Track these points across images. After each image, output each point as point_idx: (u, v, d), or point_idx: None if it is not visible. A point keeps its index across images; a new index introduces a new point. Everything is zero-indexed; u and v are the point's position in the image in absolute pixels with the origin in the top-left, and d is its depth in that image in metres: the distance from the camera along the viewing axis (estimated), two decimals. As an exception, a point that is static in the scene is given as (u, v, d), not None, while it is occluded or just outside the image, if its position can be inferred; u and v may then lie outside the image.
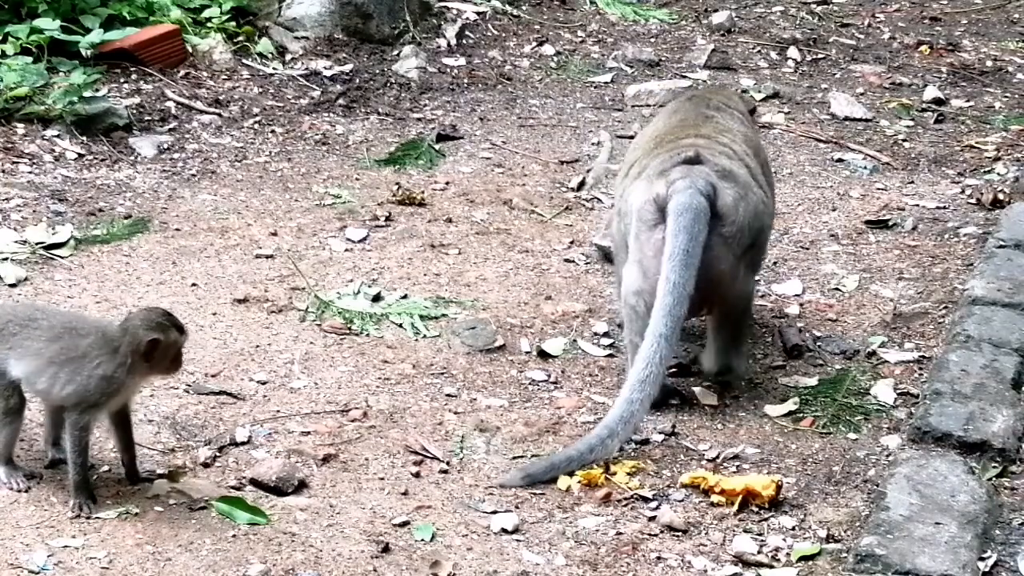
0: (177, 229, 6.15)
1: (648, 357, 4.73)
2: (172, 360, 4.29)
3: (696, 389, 5.09)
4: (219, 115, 7.28)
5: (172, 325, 4.24)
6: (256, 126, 7.28)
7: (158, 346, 4.19)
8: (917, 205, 6.74)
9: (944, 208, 6.67)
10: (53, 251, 5.83)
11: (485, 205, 6.57)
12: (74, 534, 4.12)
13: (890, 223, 6.54)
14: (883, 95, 8.16)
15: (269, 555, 4.08)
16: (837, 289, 5.91)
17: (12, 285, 5.56)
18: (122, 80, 7.36)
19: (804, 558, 4.22)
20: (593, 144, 7.35)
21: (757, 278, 5.51)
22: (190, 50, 7.69)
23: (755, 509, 4.43)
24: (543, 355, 5.30)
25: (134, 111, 7.09)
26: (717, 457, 4.71)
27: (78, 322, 4.37)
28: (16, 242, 5.85)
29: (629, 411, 4.67)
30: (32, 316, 4.32)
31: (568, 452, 4.62)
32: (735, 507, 4.41)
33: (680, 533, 4.32)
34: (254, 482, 4.41)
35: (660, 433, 4.83)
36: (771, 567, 4.19)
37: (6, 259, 5.72)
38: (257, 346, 5.24)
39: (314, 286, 5.66)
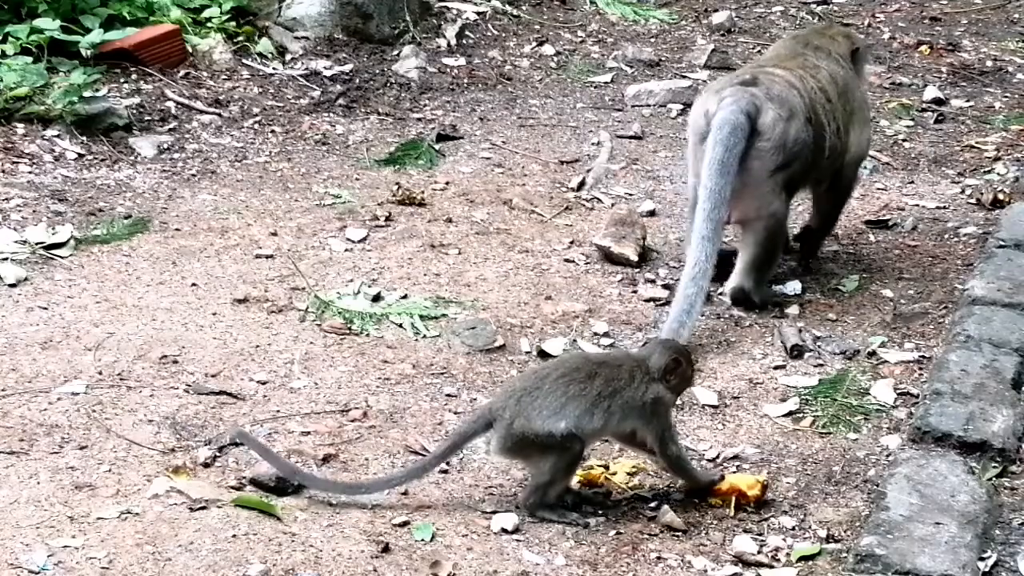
0: (177, 229, 6.15)
1: (696, 256, 5.36)
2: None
3: (696, 389, 5.09)
4: (219, 115, 7.28)
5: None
6: (256, 126, 7.28)
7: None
8: (917, 205, 6.74)
9: (944, 208, 6.67)
10: (53, 251, 5.83)
11: (485, 205, 6.57)
12: (74, 534, 4.12)
13: (890, 223, 6.54)
14: (883, 95, 8.17)
15: (269, 555, 4.08)
16: (837, 289, 5.92)
17: (12, 285, 5.56)
18: (122, 80, 7.36)
19: (804, 558, 4.22)
20: (593, 144, 7.35)
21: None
22: (190, 50, 7.69)
23: (749, 510, 4.43)
24: (543, 355, 5.30)
25: (134, 111, 7.09)
26: (717, 457, 4.72)
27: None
28: (16, 242, 5.86)
29: (689, 303, 5.28)
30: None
31: None
32: (731, 509, 4.41)
33: (680, 533, 4.32)
34: (254, 482, 4.40)
35: (660, 433, 4.83)
36: (771, 567, 4.19)
37: (6, 259, 5.72)
38: (257, 346, 5.24)
39: (314, 286, 5.66)
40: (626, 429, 4.43)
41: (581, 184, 6.83)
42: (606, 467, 4.59)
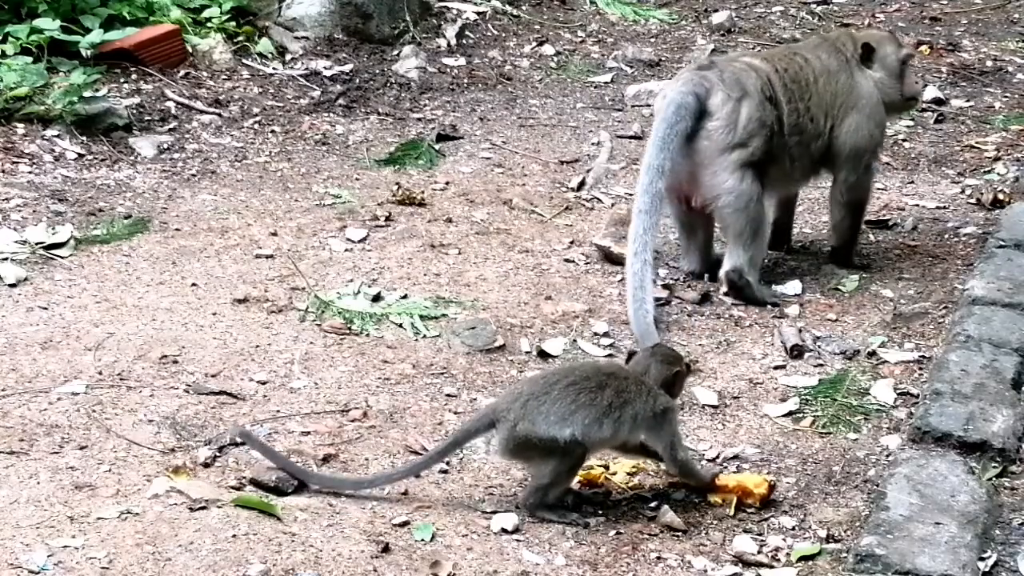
0: (177, 229, 6.15)
1: (634, 231, 5.56)
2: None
3: (696, 389, 5.09)
4: (219, 115, 7.28)
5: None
6: (256, 126, 7.28)
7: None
8: (917, 205, 6.74)
9: (944, 208, 6.67)
10: (53, 251, 5.83)
11: (485, 205, 6.57)
12: (74, 534, 4.12)
13: (890, 223, 6.54)
14: (883, 95, 8.16)
15: (269, 555, 4.08)
16: (837, 289, 5.92)
17: (12, 285, 5.56)
18: (122, 80, 7.37)
19: (804, 558, 4.22)
20: (593, 144, 7.35)
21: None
22: (190, 50, 7.70)
23: (749, 510, 4.43)
24: (543, 355, 5.30)
25: (134, 111, 7.09)
26: (717, 457, 4.71)
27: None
28: (16, 242, 5.86)
29: (638, 280, 5.45)
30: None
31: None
32: (731, 509, 4.41)
33: (680, 533, 4.32)
34: (254, 482, 4.40)
35: (660, 433, 4.83)
36: (771, 567, 4.19)
37: (6, 259, 5.72)
38: (257, 346, 5.24)
39: (314, 286, 5.66)
40: (635, 440, 4.44)
41: (581, 184, 6.83)
42: (606, 467, 4.59)
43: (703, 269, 5.97)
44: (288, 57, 8.00)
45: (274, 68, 7.86)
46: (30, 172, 6.49)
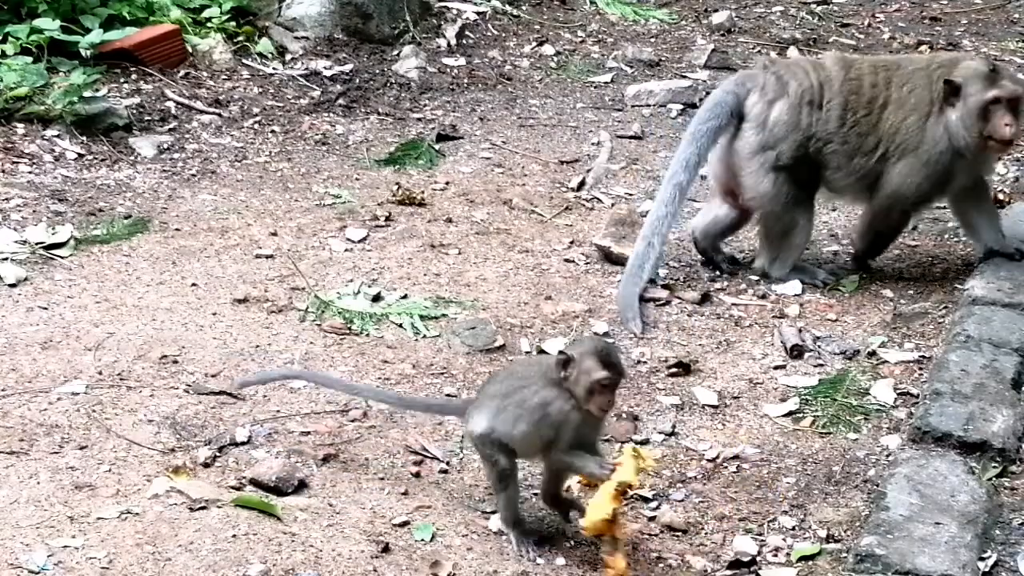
0: (177, 229, 6.15)
1: (649, 218, 5.80)
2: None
3: (696, 389, 5.10)
4: (219, 115, 7.28)
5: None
6: (256, 126, 7.28)
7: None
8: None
9: (944, 208, 6.67)
10: (53, 251, 5.83)
11: (485, 205, 6.57)
12: (74, 534, 4.12)
13: (890, 223, 6.53)
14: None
15: (269, 555, 4.08)
16: (837, 289, 5.92)
17: (12, 285, 5.56)
18: (122, 80, 7.37)
19: (804, 558, 4.23)
20: (593, 144, 7.35)
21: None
22: (190, 50, 7.70)
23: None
24: (543, 355, 5.29)
25: (134, 111, 7.09)
26: (717, 457, 4.71)
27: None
28: (16, 242, 5.86)
29: (634, 258, 5.67)
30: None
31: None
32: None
33: (680, 533, 4.32)
34: (254, 482, 4.40)
35: (660, 433, 4.83)
36: (771, 567, 4.19)
37: (6, 259, 5.72)
38: (257, 346, 5.24)
39: (314, 286, 5.66)
40: (523, 435, 4.11)
41: (581, 184, 6.83)
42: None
43: (698, 236, 6.03)
44: (288, 57, 8.00)
45: (274, 68, 7.86)
46: (30, 172, 6.49)
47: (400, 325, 5.45)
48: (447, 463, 4.59)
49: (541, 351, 5.30)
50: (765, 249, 5.93)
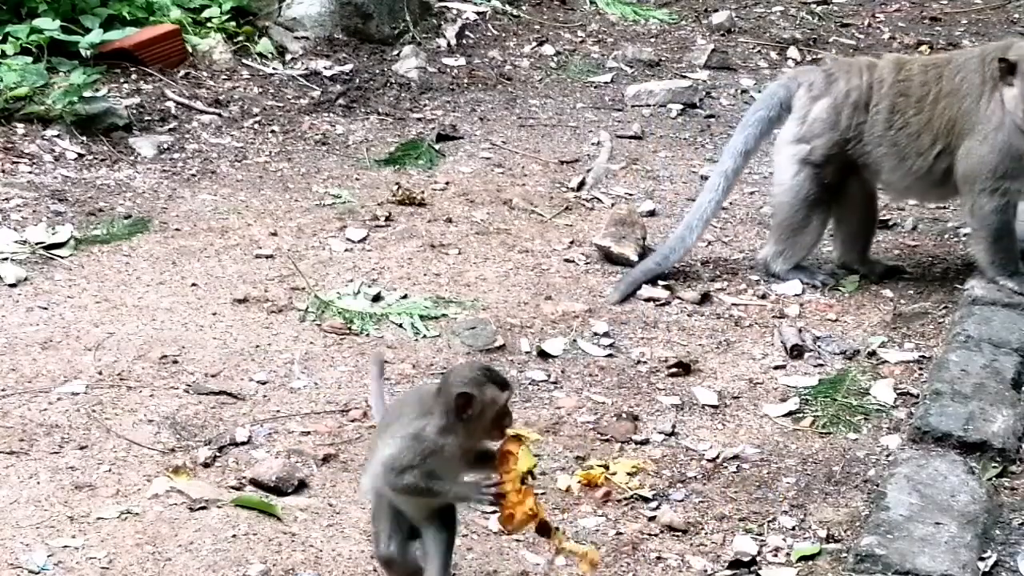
0: (177, 229, 6.15)
1: (696, 204, 5.98)
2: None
3: (696, 389, 5.10)
4: (219, 115, 7.28)
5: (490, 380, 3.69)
6: (256, 126, 7.28)
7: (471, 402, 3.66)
8: (917, 205, 6.74)
9: (944, 208, 6.67)
10: (53, 251, 5.83)
11: (485, 205, 6.57)
12: (74, 534, 4.12)
13: (890, 223, 6.54)
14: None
15: (269, 555, 4.08)
16: (837, 289, 5.91)
17: (12, 285, 5.56)
18: (122, 80, 7.37)
19: (804, 558, 4.22)
20: (593, 144, 7.35)
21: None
22: (190, 50, 7.70)
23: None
24: (543, 355, 5.30)
25: (134, 111, 7.09)
26: (717, 457, 4.71)
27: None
28: (16, 242, 5.86)
29: (682, 234, 5.87)
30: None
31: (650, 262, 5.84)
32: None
33: (680, 533, 4.32)
34: (254, 482, 4.41)
35: (660, 433, 4.83)
36: (771, 567, 4.19)
37: (6, 259, 5.72)
38: (257, 346, 5.24)
39: (314, 286, 5.66)
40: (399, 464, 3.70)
41: (581, 184, 6.82)
42: (606, 467, 4.59)
43: (845, 260, 6.04)
44: (288, 57, 8.00)
45: (274, 68, 7.86)
46: (30, 172, 6.49)
47: (400, 325, 5.45)
48: (447, 463, 4.58)
49: (541, 351, 5.29)
50: (772, 241, 5.95)
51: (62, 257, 5.81)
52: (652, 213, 6.53)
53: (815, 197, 5.83)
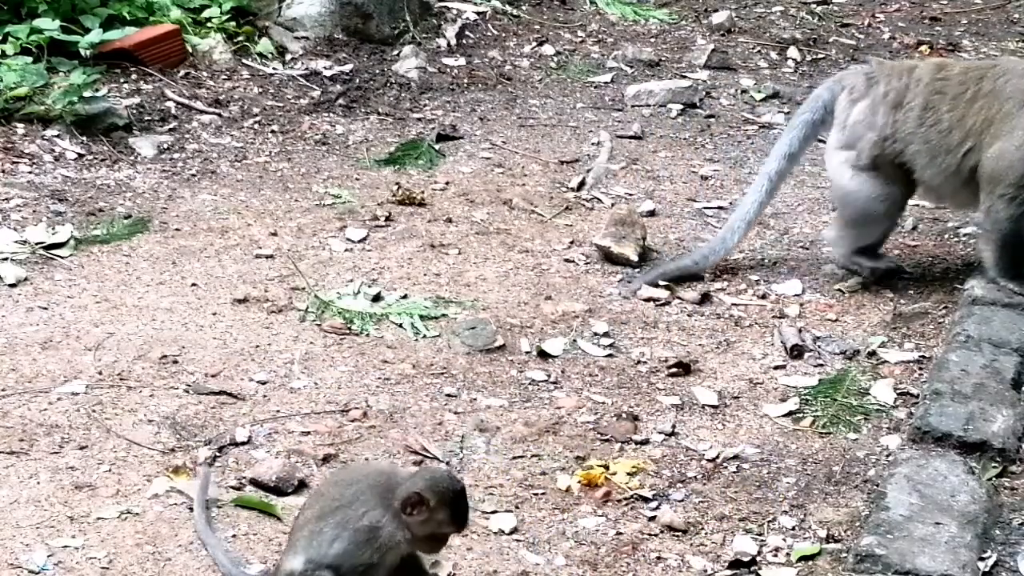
0: (177, 229, 6.15)
1: (755, 188, 6.00)
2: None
3: (696, 389, 5.10)
4: (219, 115, 7.28)
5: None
6: (256, 126, 7.28)
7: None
8: (917, 205, 6.73)
9: (944, 208, 6.67)
10: (53, 251, 5.83)
11: (485, 205, 6.57)
12: (74, 534, 4.12)
13: (890, 223, 6.53)
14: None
15: (269, 555, 4.08)
16: (837, 289, 5.91)
17: (12, 285, 5.56)
18: (122, 80, 7.36)
19: (804, 558, 4.22)
20: (593, 144, 7.35)
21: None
22: (190, 50, 7.69)
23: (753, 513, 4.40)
24: (543, 355, 5.30)
25: (134, 111, 7.09)
26: (717, 457, 4.71)
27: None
28: (16, 242, 5.86)
29: (725, 236, 5.92)
30: None
31: (688, 258, 5.95)
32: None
33: (680, 533, 4.32)
34: (254, 482, 4.41)
35: (660, 433, 4.83)
36: (771, 567, 4.19)
37: (6, 259, 5.72)
38: (257, 346, 5.24)
39: (314, 286, 5.66)
40: (340, 556, 3.68)
41: (581, 184, 6.82)
42: (606, 467, 4.59)
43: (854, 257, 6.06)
44: (288, 57, 7.99)
45: (274, 68, 7.86)
46: (30, 172, 6.49)
47: (400, 325, 5.45)
48: (447, 463, 4.59)
49: (542, 351, 5.29)
50: (834, 231, 6.01)
51: (62, 257, 5.81)
52: (652, 213, 6.53)
53: (875, 195, 5.83)
